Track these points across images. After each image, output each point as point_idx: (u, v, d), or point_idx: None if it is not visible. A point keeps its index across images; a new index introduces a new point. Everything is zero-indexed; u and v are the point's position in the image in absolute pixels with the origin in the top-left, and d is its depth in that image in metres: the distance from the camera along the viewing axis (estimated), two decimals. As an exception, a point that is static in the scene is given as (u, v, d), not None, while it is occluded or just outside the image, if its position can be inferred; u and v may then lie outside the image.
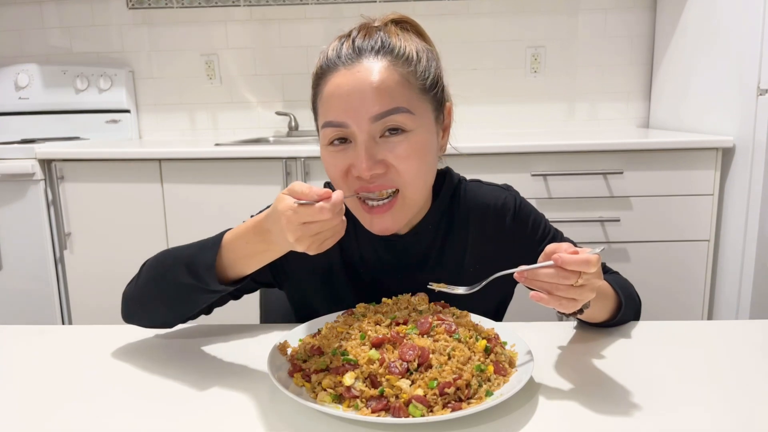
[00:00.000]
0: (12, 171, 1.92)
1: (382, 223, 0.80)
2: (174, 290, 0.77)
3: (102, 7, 2.50)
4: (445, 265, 0.90)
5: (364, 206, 0.80)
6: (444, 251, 0.90)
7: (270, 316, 1.14)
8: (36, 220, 1.97)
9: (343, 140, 0.78)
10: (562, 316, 0.77)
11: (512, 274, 0.67)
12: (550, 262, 0.63)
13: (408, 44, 0.79)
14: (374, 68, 0.76)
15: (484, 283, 0.73)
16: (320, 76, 0.80)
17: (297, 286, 0.93)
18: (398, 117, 0.76)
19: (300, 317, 0.94)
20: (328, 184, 1.00)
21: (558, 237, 0.95)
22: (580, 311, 0.72)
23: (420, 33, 0.85)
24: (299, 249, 0.66)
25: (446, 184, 0.91)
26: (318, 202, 0.63)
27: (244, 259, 0.74)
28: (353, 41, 0.79)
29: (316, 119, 0.85)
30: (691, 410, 0.61)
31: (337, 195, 0.64)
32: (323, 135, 0.79)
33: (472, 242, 0.90)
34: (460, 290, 0.74)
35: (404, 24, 0.84)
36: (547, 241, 0.92)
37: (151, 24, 2.51)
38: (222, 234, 0.76)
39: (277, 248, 0.71)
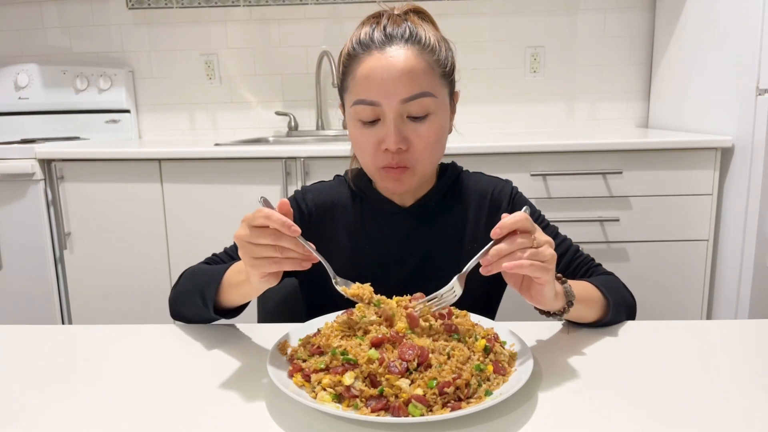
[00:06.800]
0: (12, 171, 1.92)
1: (395, 183, 0.90)
2: (194, 311, 0.86)
3: (102, 7, 2.50)
4: (445, 239, 0.97)
5: (386, 170, 0.89)
6: (444, 227, 0.98)
7: (268, 316, 1.14)
8: (36, 220, 1.97)
9: (373, 122, 0.86)
10: (549, 317, 0.78)
11: (478, 267, 0.68)
12: (491, 243, 0.67)
13: (430, 34, 0.88)
14: (405, 55, 0.85)
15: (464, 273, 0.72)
16: (352, 57, 0.88)
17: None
18: (424, 100, 0.85)
19: (308, 300, 1.03)
20: (337, 176, 1.03)
21: (552, 229, 0.98)
22: (564, 311, 0.75)
23: (434, 23, 0.93)
24: (252, 273, 0.70)
25: (449, 170, 1.01)
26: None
27: (231, 288, 0.80)
28: (384, 28, 0.87)
29: (342, 96, 0.93)
30: (690, 410, 0.61)
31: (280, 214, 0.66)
32: (354, 111, 0.88)
33: (471, 223, 0.98)
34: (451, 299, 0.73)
35: (422, 14, 0.92)
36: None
37: (151, 24, 2.51)
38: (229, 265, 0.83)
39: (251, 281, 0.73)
